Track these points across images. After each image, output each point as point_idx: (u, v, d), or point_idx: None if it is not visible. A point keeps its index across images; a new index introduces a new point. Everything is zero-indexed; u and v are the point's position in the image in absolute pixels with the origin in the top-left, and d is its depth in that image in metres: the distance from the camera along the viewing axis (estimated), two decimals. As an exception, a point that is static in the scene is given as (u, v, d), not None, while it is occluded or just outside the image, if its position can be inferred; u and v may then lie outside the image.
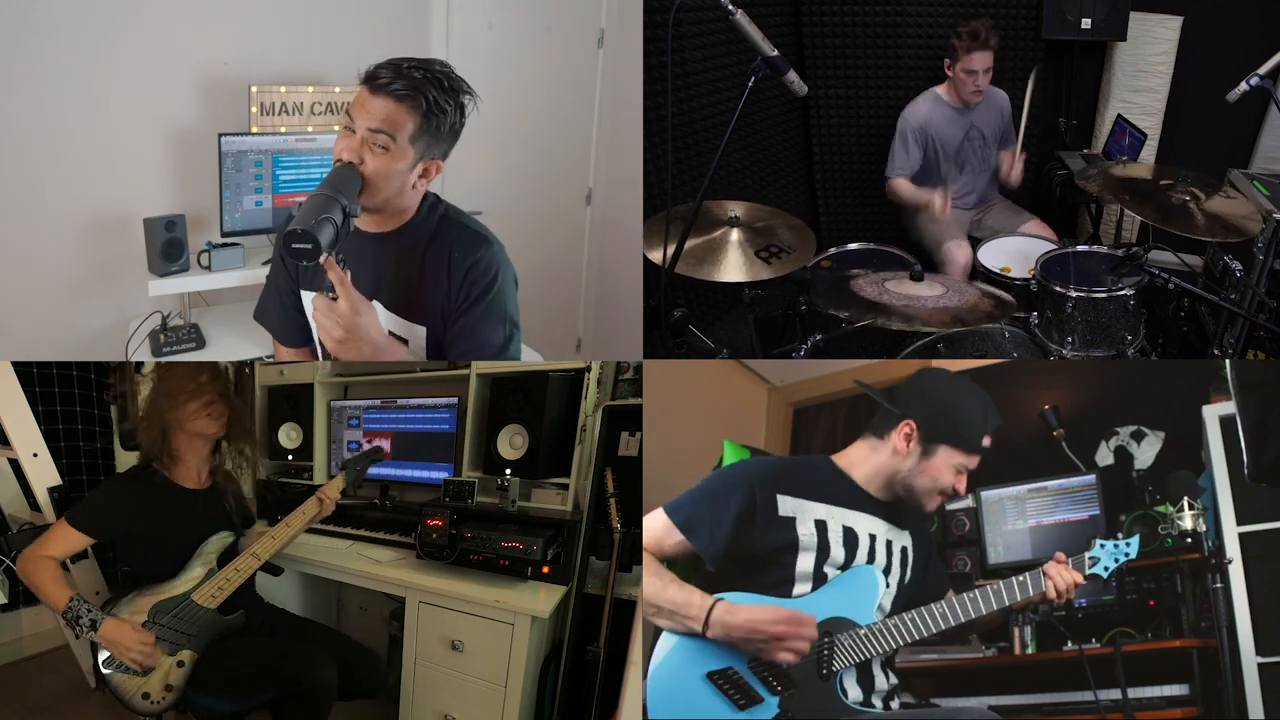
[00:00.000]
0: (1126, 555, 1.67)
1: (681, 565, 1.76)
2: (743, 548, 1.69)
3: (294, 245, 1.50)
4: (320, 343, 1.93)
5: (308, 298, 1.85)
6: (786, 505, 1.71)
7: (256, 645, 2.15)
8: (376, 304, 1.78)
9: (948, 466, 1.73)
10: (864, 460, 1.79)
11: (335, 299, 1.61)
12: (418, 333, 1.80)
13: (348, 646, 2.30)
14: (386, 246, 1.79)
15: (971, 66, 3.29)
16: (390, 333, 1.79)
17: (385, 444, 3.14)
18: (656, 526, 1.73)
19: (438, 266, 1.75)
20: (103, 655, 2.01)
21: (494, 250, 1.77)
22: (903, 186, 3.46)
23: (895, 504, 1.78)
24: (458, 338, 1.77)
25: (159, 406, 2.23)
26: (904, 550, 1.80)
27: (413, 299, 1.78)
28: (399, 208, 1.77)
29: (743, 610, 1.63)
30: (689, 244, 2.59)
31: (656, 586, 1.67)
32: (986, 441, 1.74)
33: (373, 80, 1.67)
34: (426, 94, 1.67)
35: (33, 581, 2.02)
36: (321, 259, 1.55)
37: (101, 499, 2.25)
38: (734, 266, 2.59)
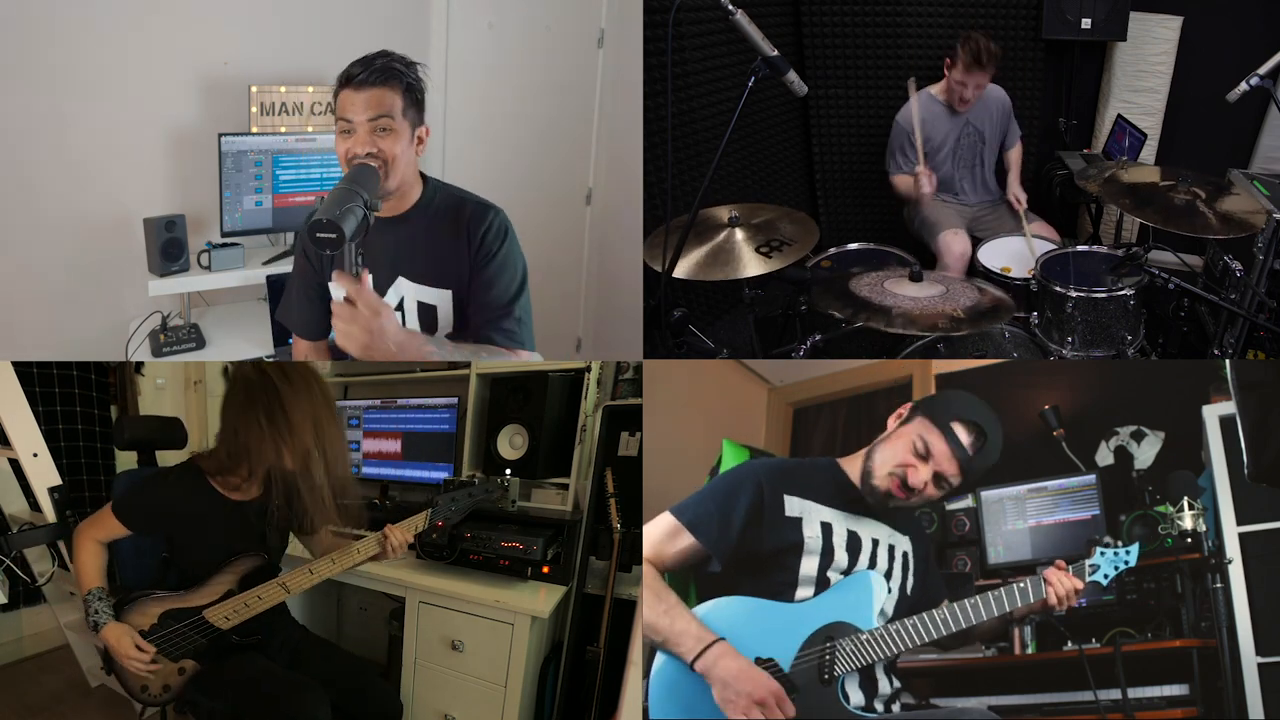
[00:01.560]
0: (1126, 563, 1.66)
1: (682, 574, 1.76)
2: (748, 548, 1.69)
3: (319, 234, 1.59)
4: (334, 345, 2.11)
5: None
6: (794, 506, 1.71)
7: (254, 673, 2.07)
8: (402, 280, 1.98)
9: (910, 436, 1.70)
10: (860, 454, 1.79)
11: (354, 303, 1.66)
12: (445, 296, 1.98)
13: (366, 677, 2.23)
14: (403, 227, 1.98)
15: (964, 81, 3.30)
16: (420, 302, 1.99)
17: (394, 445, 3.12)
18: (659, 531, 1.71)
19: (455, 234, 1.95)
20: None
21: (501, 215, 1.99)
22: (901, 182, 3.47)
23: (866, 497, 1.75)
24: (476, 290, 1.95)
25: (250, 440, 2.05)
26: (905, 556, 1.80)
27: (435, 267, 1.97)
28: (409, 183, 1.96)
29: (738, 661, 1.60)
30: (691, 252, 2.60)
31: (656, 612, 1.64)
32: (959, 430, 1.67)
33: (351, 79, 1.87)
34: (399, 71, 1.89)
35: (74, 556, 2.12)
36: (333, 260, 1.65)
37: (144, 495, 2.17)
38: (736, 265, 2.60)
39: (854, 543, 1.73)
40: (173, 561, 2.14)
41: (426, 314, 2.00)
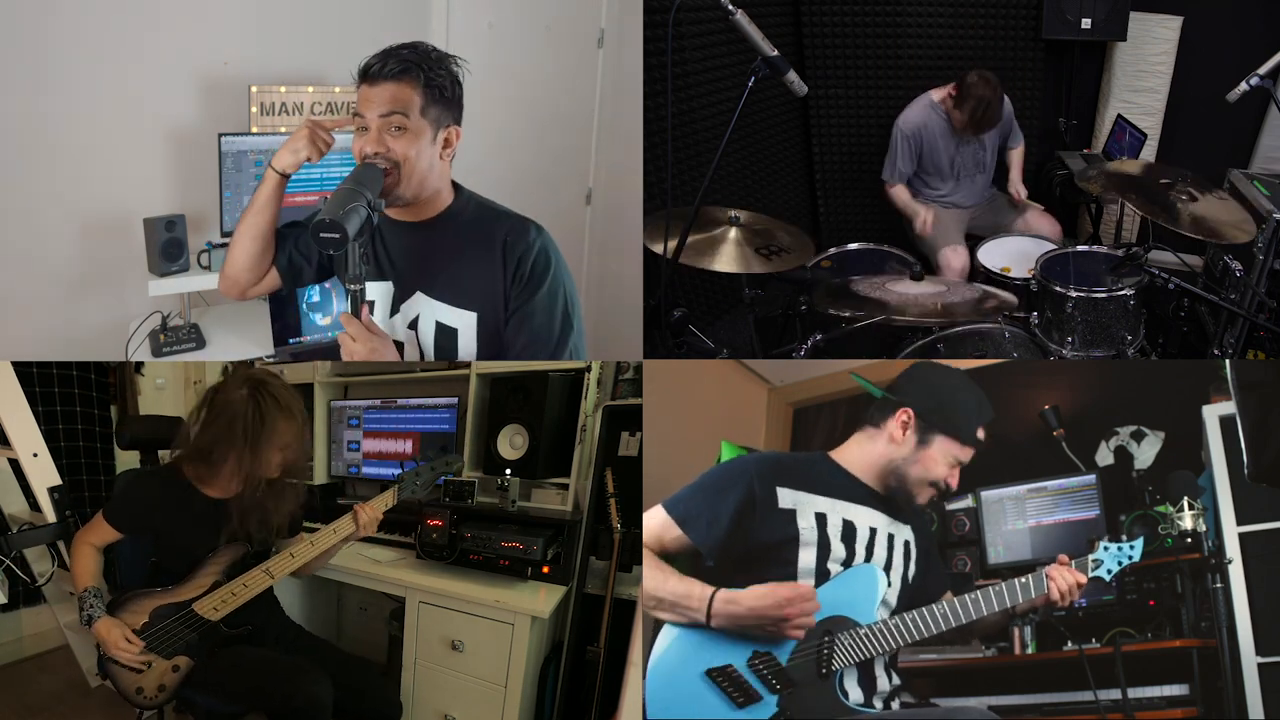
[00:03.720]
0: (1130, 558, 1.66)
1: (682, 562, 1.76)
2: (743, 543, 1.69)
3: (322, 234, 1.57)
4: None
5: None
6: (786, 498, 1.71)
7: (253, 659, 2.10)
8: (420, 295, 1.84)
9: (942, 457, 1.74)
10: (860, 451, 1.79)
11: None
12: (468, 319, 1.82)
13: (363, 674, 2.24)
14: (430, 235, 1.84)
15: (966, 128, 3.32)
16: (439, 323, 1.83)
17: (407, 447, 3.08)
18: (656, 522, 1.73)
19: (487, 251, 1.79)
20: None
21: (543, 236, 1.81)
22: (898, 194, 3.47)
23: (893, 497, 1.79)
24: (516, 328, 1.79)
25: (232, 433, 2.09)
26: (906, 544, 1.80)
27: (460, 286, 1.82)
28: (434, 189, 1.82)
29: (744, 598, 1.62)
30: (690, 239, 2.60)
31: (658, 579, 1.67)
32: (981, 434, 1.75)
33: (367, 72, 1.76)
34: (421, 66, 1.75)
35: (70, 561, 2.16)
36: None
37: (129, 497, 2.24)
38: (734, 259, 2.60)
39: (849, 532, 1.73)
40: (160, 562, 2.17)
41: (445, 337, 1.84)
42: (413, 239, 1.84)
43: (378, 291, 1.88)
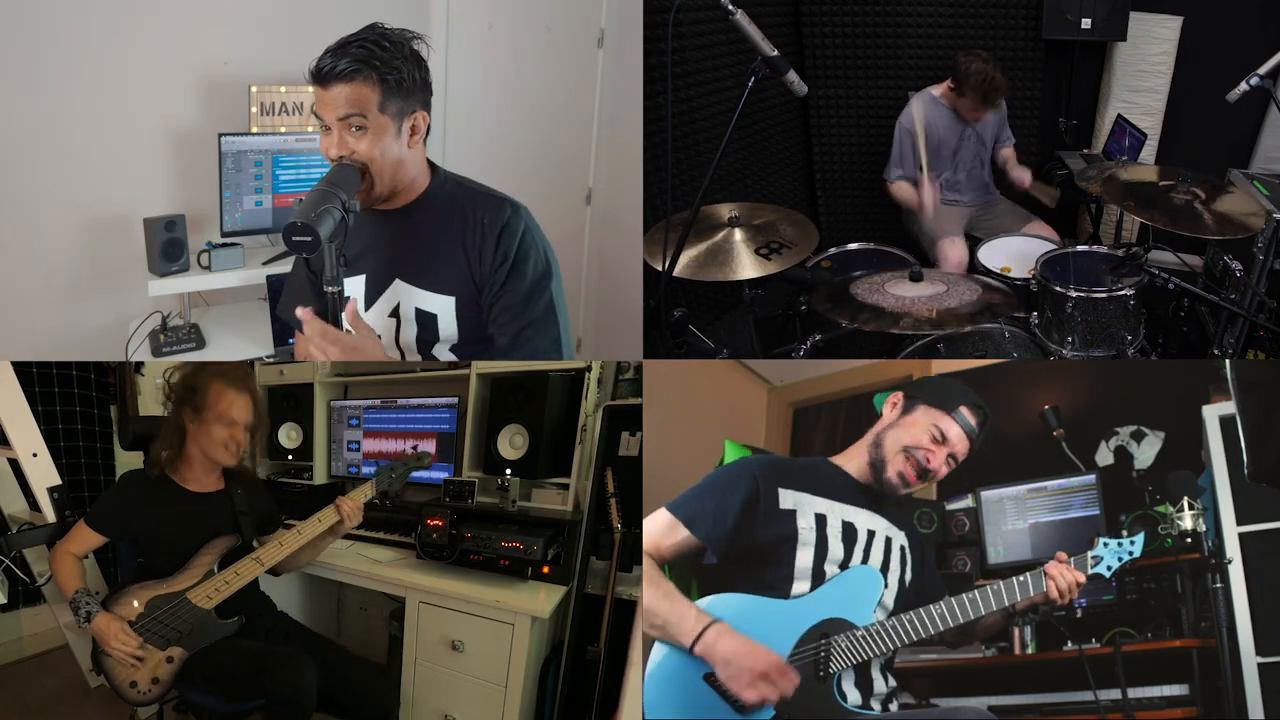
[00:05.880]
0: (1130, 554, 1.65)
1: (681, 567, 1.76)
2: (744, 542, 1.69)
3: (294, 238, 1.52)
4: None
5: None
6: (787, 498, 1.71)
7: (242, 650, 2.13)
8: (399, 282, 1.80)
9: (922, 421, 1.75)
10: (860, 454, 1.80)
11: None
12: (447, 304, 1.78)
13: (356, 665, 2.26)
14: (405, 222, 1.79)
15: (976, 111, 3.33)
16: (418, 309, 1.80)
17: (429, 446, 3.04)
18: (657, 525, 1.72)
19: (464, 235, 1.74)
20: None
21: (518, 213, 1.76)
22: (900, 189, 3.47)
23: (875, 481, 1.78)
24: (498, 317, 1.75)
25: (181, 417, 2.25)
26: (902, 549, 1.80)
27: (437, 270, 1.77)
28: (409, 178, 1.77)
29: (737, 639, 1.60)
30: (690, 249, 2.59)
31: (655, 596, 1.65)
32: (967, 414, 1.73)
33: (318, 74, 1.68)
34: (371, 62, 1.66)
35: (54, 571, 2.18)
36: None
37: (112, 501, 2.28)
38: (735, 266, 2.60)
39: (849, 533, 1.73)
40: (147, 562, 2.20)
41: (426, 322, 1.81)
42: (387, 227, 1.79)
43: (351, 287, 1.84)
